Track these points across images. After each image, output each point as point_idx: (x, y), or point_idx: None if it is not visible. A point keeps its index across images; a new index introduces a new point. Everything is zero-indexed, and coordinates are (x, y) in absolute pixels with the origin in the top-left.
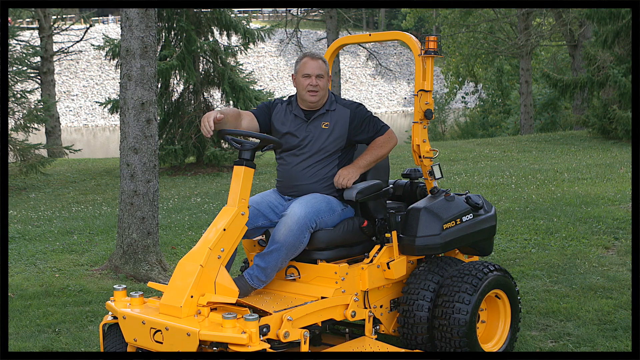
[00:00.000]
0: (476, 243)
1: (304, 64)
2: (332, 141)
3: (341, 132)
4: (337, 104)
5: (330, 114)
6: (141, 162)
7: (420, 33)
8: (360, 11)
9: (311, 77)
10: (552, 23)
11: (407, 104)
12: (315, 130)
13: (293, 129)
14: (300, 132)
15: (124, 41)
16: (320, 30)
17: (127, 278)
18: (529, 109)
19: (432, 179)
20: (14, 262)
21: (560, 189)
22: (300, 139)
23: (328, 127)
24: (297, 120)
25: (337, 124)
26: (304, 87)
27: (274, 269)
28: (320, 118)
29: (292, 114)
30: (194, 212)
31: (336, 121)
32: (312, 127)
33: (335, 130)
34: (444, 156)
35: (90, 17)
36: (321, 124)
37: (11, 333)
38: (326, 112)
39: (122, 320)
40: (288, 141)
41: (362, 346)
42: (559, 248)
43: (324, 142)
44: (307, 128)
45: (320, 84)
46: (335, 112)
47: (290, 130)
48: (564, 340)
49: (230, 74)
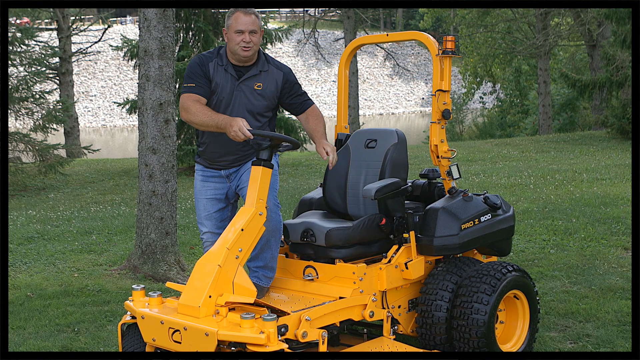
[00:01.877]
0: (494, 243)
1: (236, 19)
2: (266, 104)
3: (273, 94)
4: (269, 64)
5: (263, 75)
6: (159, 162)
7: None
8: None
9: (244, 33)
10: (571, 23)
11: (425, 104)
12: (247, 90)
13: (226, 86)
14: (231, 91)
15: (142, 42)
16: (338, 30)
17: (146, 278)
18: (548, 109)
19: (450, 179)
20: (33, 262)
21: (579, 189)
22: (232, 99)
23: (261, 89)
24: (227, 76)
25: (269, 85)
26: (236, 43)
27: (273, 259)
28: (253, 79)
29: (223, 69)
30: None
31: (269, 83)
32: (243, 87)
33: (267, 92)
34: (461, 156)
35: (108, 17)
36: (254, 85)
37: (30, 332)
38: (259, 72)
39: (141, 320)
40: (221, 97)
41: (380, 346)
42: (577, 249)
43: (257, 105)
44: (238, 86)
45: (254, 40)
46: (268, 73)
47: (223, 86)
48: (583, 342)
49: None
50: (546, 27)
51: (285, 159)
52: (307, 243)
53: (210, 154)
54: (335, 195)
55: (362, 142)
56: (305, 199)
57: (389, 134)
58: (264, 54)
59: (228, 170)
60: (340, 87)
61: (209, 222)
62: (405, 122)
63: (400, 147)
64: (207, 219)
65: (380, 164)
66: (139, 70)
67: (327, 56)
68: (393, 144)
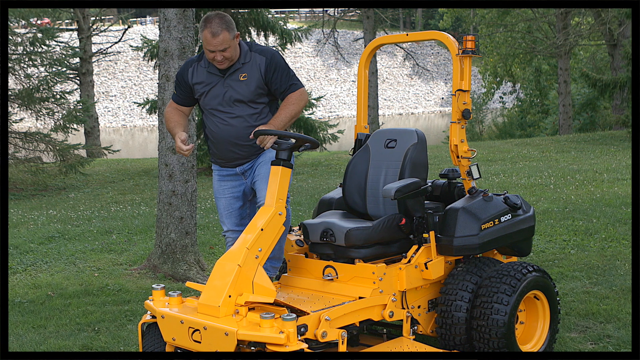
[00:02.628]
0: (515, 243)
1: (205, 39)
2: (253, 90)
3: (259, 80)
4: (252, 52)
5: (247, 65)
6: (179, 162)
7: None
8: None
9: (215, 53)
10: (591, 22)
11: (445, 104)
12: (234, 83)
13: (213, 85)
14: (219, 88)
15: (162, 42)
16: (357, 30)
17: (166, 277)
18: (568, 109)
19: (470, 179)
20: (54, 261)
21: (600, 189)
22: (221, 93)
23: (246, 78)
24: (212, 76)
25: (254, 73)
26: (211, 58)
27: (281, 250)
28: (237, 72)
29: (206, 70)
30: None
31: (253, 70)
32: (230, 82)
33: (253, 79)
34: (481, 156)
35: (128, 18)
36: (239, 77)
37: (51, 331)
38: (242, 65)
39: (161, 319)
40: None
41: (399, 346)
42: (598, 249)
43: (246, 93)
44: (225, 82)
45: (226, 55)
46: (251, 61)
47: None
48: (603, 342)
49: None
50: (566, 27)
51: (305, 159)
52: (327, 243)
53: (219, 154)
54: (355, 195)
55: (382, 142)
56: (325, 198)
57: (408, 134)
58: (246, 44)
59: (243, 167)
60: (360, 87)
61: (230, 220)
62: (424, 122)
63: (420, 147)
64: (228, 217)
65: (400, 163)
66: (159, 71)
67: (346, 56)
68: (413, 143)
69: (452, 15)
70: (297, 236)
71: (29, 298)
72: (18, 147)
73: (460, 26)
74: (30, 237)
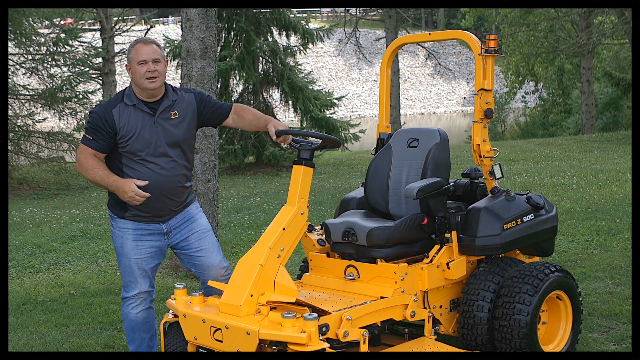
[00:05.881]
0: (537, 243)
1: (137, 51)
2: (186, 129)
3: (192, 118)
4: (176, 92)
5: (177, 103)
6: (201, 161)
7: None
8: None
9: (148, 63)
10: (615, 21)
11: (467, 104)
12: (166, 123)
13: (142, 127)
14: (150, 130)
15: (184, 42)
16: (379, 29)
17: (188, 277)
18: (591, 109)
19: (493, 179)
20: (76, 260)
21: (623, 189)
22: (151, 136)
23: (177, 116)
24: (140, 114)
25: (187, 111)
26: (142, 75)
27: None
28: (167, 110)
29: (134, 108)
30: (253, 211)
31: (185, 108)
32: (161, 121)
33: (186, 118)
34: (504, 156)
35: (150, 18)
36: (170, 115)
37: (74, 330)
38: (172, 102)
39: (183, 318)
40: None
41: (421, 346)
42: (621, 249)
43: (178, 134)
44: (156, 122)
45: (159, 69)
46: (179, 99)
47: (139, 127)
48: (626, 343)
49: (290, 74)
50: (589, 26)
51: (327, 158)
52: (349, 242)
53: (144, 208)
54: (377, 194)
55: (404, 142)
56: (347, 198)
57: (431, 134)
58: (170, 85)
59: (169, 225)
60: (382, 86)
61: (144, 280)
62: (446, 121)
63: (443, 147)
64: (143, 277)
65: (422, 163)
66: (181, 70)
67: (368, 55)
68: (435, 143)
69: (474, 15)
70: (319, 235)
71: (51, 297)
72: (41, 147)
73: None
74: (53, 236)
